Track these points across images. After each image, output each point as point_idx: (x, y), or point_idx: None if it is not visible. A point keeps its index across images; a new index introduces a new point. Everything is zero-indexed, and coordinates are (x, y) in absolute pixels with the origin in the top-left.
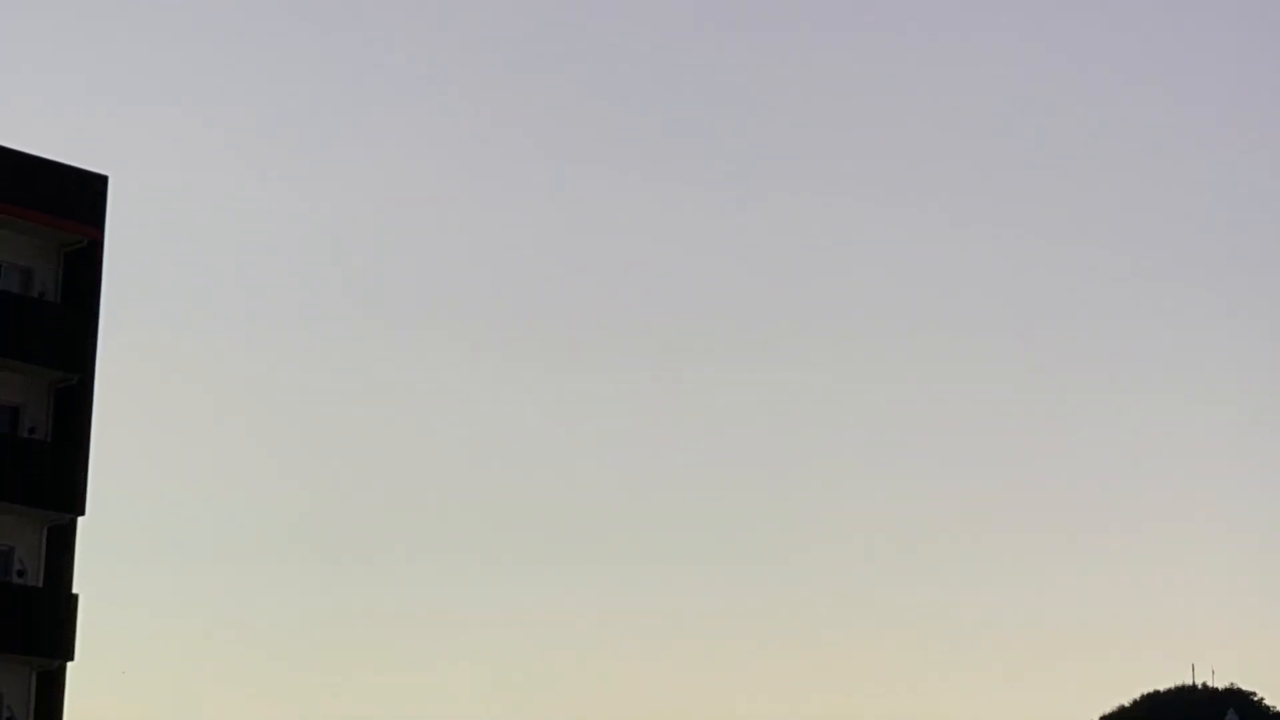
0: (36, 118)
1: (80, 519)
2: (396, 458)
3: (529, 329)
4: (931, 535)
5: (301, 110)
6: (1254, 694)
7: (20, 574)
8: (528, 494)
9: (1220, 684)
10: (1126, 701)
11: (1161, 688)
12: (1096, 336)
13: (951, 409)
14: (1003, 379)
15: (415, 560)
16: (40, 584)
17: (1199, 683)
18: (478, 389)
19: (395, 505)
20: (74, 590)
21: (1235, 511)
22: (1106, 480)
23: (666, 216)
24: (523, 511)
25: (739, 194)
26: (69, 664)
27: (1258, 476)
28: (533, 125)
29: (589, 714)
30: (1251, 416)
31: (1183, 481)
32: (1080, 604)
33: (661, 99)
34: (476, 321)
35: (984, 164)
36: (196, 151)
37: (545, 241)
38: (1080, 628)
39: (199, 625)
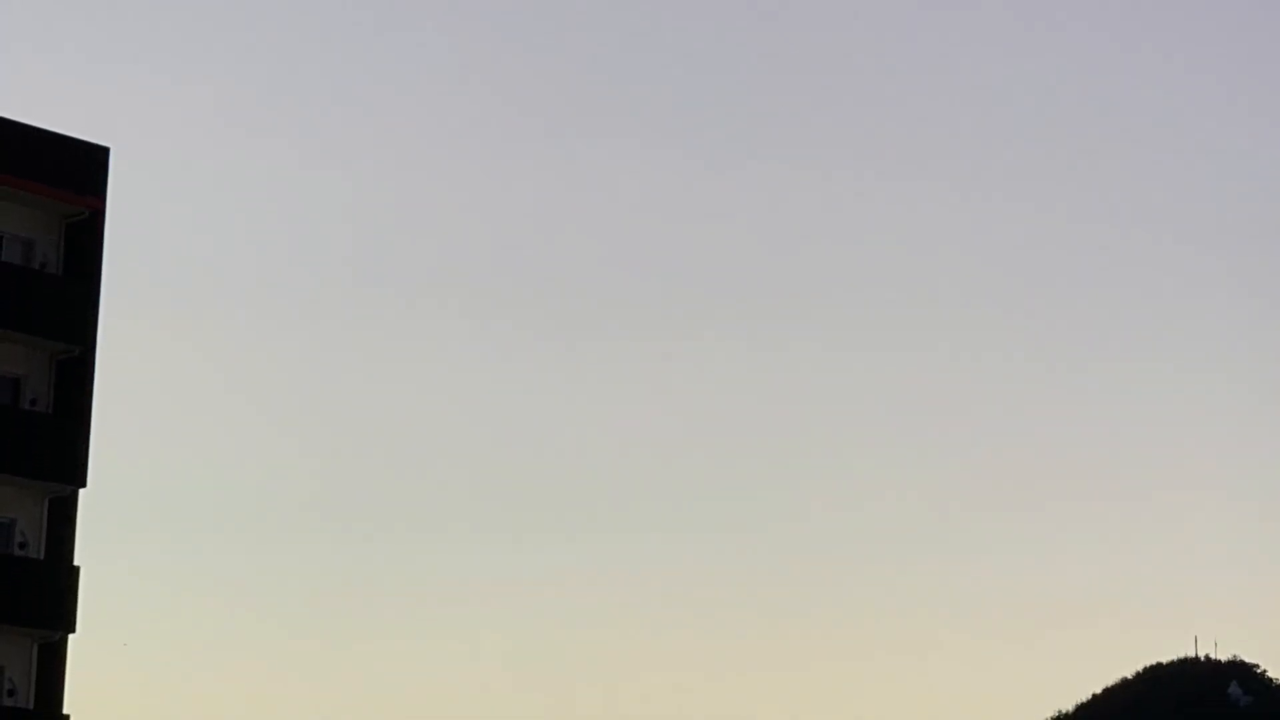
0: (38, 89)
1: (82, 491)
2: (401, 428)
3: (537, 302)
4: (934, 506)
5: (304, 82)
6: (1257, 666)
7: (22, 546)
8: (535, 465)
9: (1223, 656)
10: (1129, 674)
11: (1164, 660)
12: (1100, 309)
13: (954, 380)
14: (1006, 350)
15: (418, 531)
16: (41, 556)
17: (1201, 655)
18: (483, 359)
19: (398, 476)
20: (75, 562)
21: (1238, 483)
22: (1109, 453)
23: (668, 190)
24: (530, 482)
25: (741, 168)
26: (70, 636)
27: (1261, 449)
28: (538, 100)
29: (597, 682)
30: (1254, 389)
31: (1186, 454)
32: (1082, 576)
33: (664, 75)
34: (484, 293)
35: (987, 137)
36: (198, 123)
37: (550, 215)
38: (1082, 600)
39: (200, 597)
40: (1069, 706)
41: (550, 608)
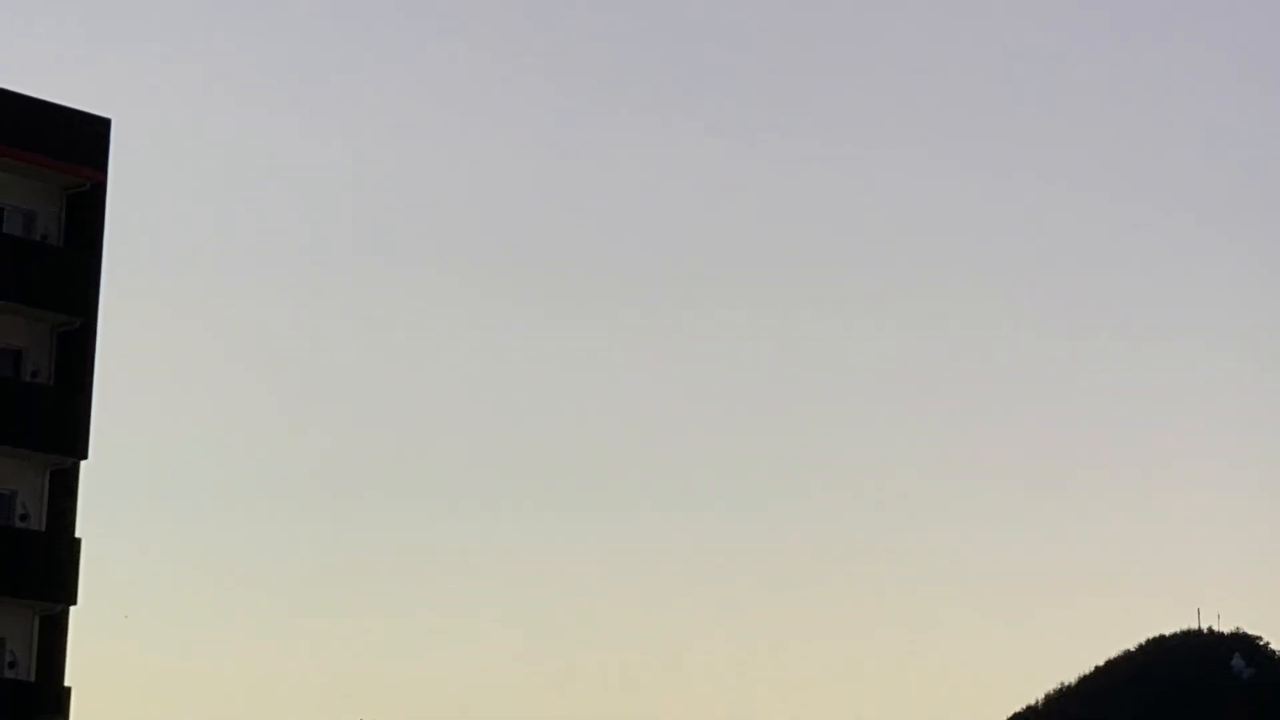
0: (40, 61)
1: (83, 463)
2: (403, 402)
3: (541, 276)
4: (936, 480)
5: (305, 53)
6: (1260, 639)
7: (23, 518)
8: (539, 440)
9: (1226, 628)
10: (1132, 646)
11: (1166, 632)
12: (1103, 283)
13: (958, 355)
14: (1008, 324)
15: (420, 505)
16: (43, 528)
17: (1205, 627)
18: (487, 331)
19: (401, 450)
20: (76, 534)
21: (1241, 456)
22: (1113, 425)
23: (667, 161)
24: (534, 457)
25: (740, 138)
26: (71, 608)
27: (1264, 421)
28: (542, 72)
29: (599, 655)
30: (1257, 361)
31: (1189, 427)
32: (1085, 549)
33: (668, 45)
34: (487, 266)
35: (990, 107)
36: (199, 94)
37: (548, 189)
38: (1084, 572)
39: (202, 569)
40: (1071, 679)
41: (553, 582)
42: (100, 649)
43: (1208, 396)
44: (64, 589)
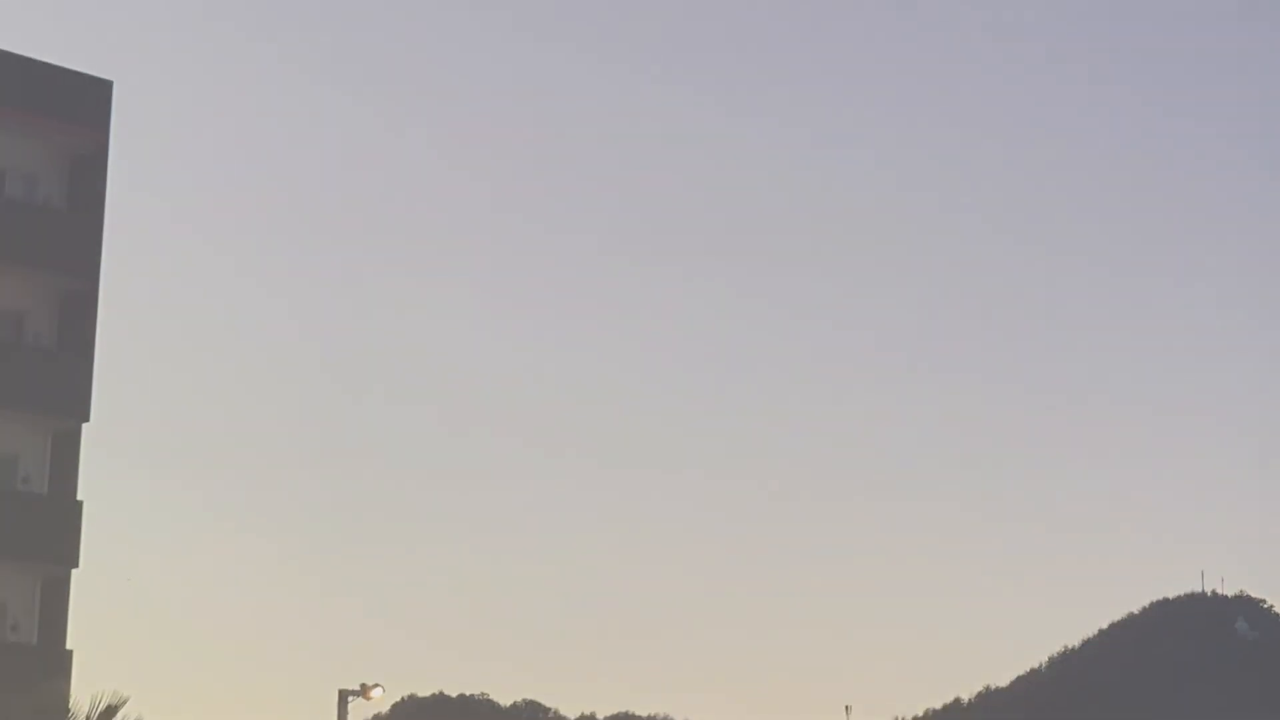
0: (42, 22)
1: (85, 425)
2: (408, 357)
3: (556, 230)
4: (938, 444)
5: (307, 14)
6: (1264, 601)
7: (25, 481)
8: (537, 397)
9: (1229, 591)
10: (1136, 609)
11: (1170, 595)
12: (1104, 240)
13: (958, 313)
14: (1008, 277)
15: (422, 465)
16: (45, 491)
17: (1208, 590)
18: (497, 287)
19: (405, 407)
20: (79, 497)
21: (1245, 418)
22: (1114, 388)
23: (653, 123)
24: (531, 413)
25: (731, 103)
26: (74, 571)
27: (1268, 383)
28: (552, 25)
29: (601, 629)
30: (1259, 322)
31: (1193, 388)
32: (1088, 511)
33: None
34: (501, 218)
35: (985, 52)
36: (201, 56)
37: (542, 148)
38: (1088, 535)
39: (204, 531)
40: (1075, 642)
41: (552, 549)
42: (103, 612)
43: (1211, 358)
44: (66, 552)
